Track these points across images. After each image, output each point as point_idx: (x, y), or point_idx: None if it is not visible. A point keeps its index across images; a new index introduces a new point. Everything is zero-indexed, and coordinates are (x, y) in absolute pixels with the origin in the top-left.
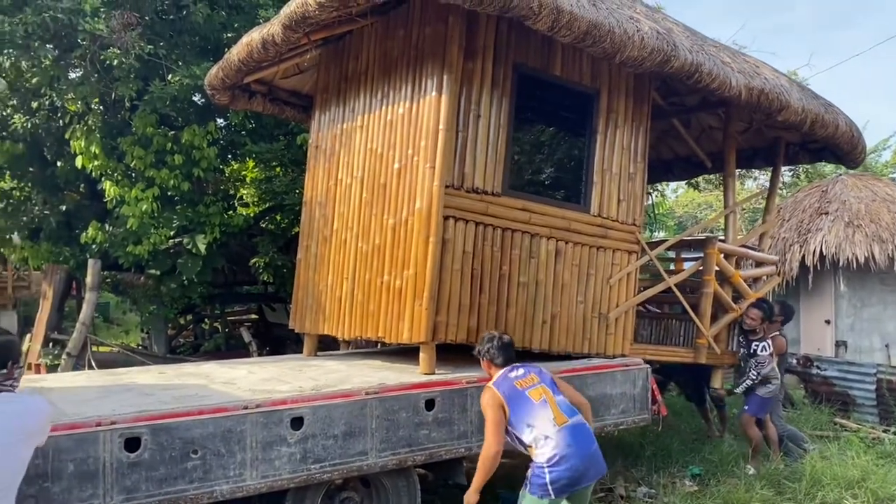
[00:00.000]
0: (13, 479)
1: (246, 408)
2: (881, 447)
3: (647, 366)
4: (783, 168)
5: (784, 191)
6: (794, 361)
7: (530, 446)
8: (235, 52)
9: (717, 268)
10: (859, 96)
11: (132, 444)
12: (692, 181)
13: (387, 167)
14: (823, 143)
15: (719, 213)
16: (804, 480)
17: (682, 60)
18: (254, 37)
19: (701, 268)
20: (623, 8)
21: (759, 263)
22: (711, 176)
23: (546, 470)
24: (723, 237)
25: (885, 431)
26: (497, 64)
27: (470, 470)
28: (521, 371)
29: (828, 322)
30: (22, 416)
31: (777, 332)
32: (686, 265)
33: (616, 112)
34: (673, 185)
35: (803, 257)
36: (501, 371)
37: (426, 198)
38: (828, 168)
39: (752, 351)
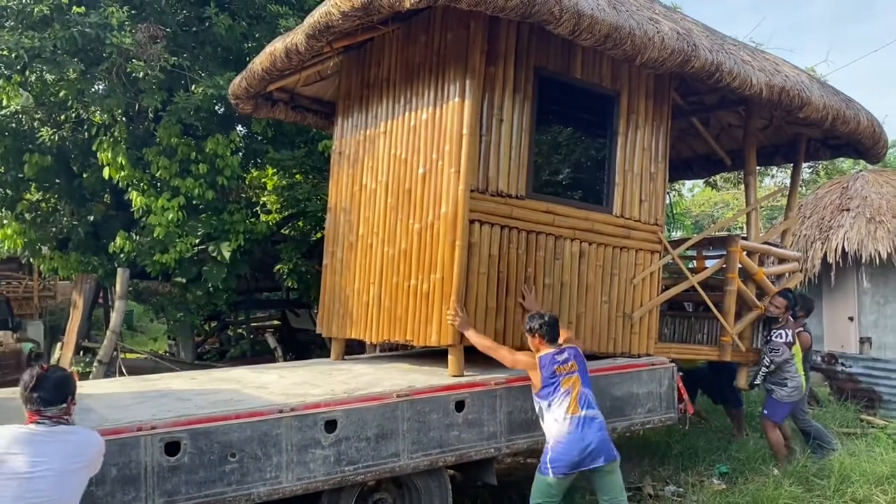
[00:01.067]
0: (72, 502)
1: (281, 411)
2: None
3: (673, 364)
4: (803, 165)
5: (804, 188)
6: (819, 359)
7: (543, 420)
8: (259, 62)
9: (739, 265)
10: (879, 90)
11: (172, 448)
12: (710, 179)
13: (411, 172)
14: (845, 138)
15: (740, 210)
16: (833, 477)
17: (702, 60)
18: (277, 46)
19: (724, 266)
20: (642, 9)
21: (781, 260)
22: (729, 174)
23: (549, 450)
24: (744, 235)
25: None
26: (518, 68)
27: (500, 471)
28: (565, 355)
29: (851, 319)
30: (82, 446)
31: (801, 328)
32: (707, 264)
33: (637, 113)
34: (689, 183)
35: (825, 254)
36: (550, 350)
37: (452, 202)
38: (846, 164)
39: (768, 339)
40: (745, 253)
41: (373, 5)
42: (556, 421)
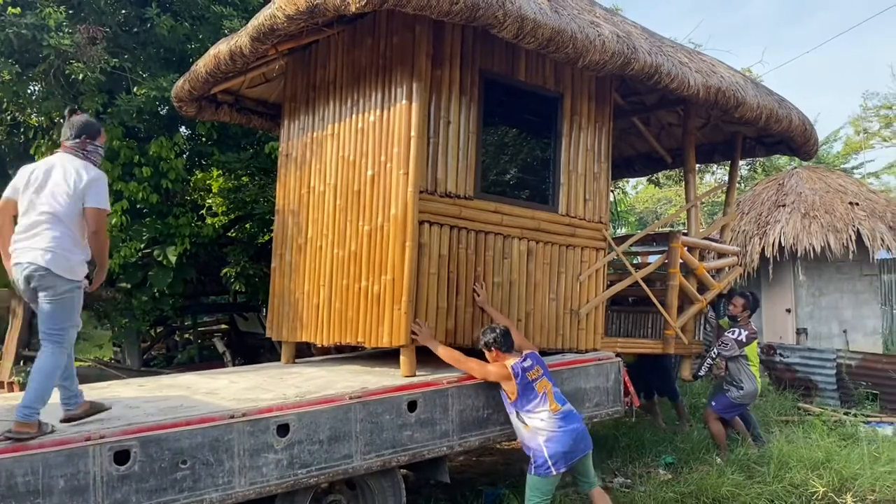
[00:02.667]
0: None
1: (232, 417)
2: (843, 429)
3: (619, 359)
4: (741, 162)
5: (742, 184)
6: (758, 350)
7: (527, 426)
8: (202, 64)
9: (681, 261)
10: (812, 90)
11: (121, 457)
12: (652, 177)
13: (360, 174)
14: (779, 136)
15: (681, 207)
16: (772, 464)
17: (641, 62)
18: (221, 48)
19: (666, 261)
20: (584, 13)
21: (721, 255)
22: (671, 172)
23: (544, 448)
24: (685, 231)
25: (845, 414)
26: (464, 71)
27: (452, 468)
28: (529, 362)
29: (788, 311)
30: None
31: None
32: (651, 259)
33: (580, 114)
34: (633, 181)
35: (763, 249)
36: (514, 359)
37: (401, 204)
38: (783, 160)
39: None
40: (686, 249)
41: (318, 9)
42: (543, 421)
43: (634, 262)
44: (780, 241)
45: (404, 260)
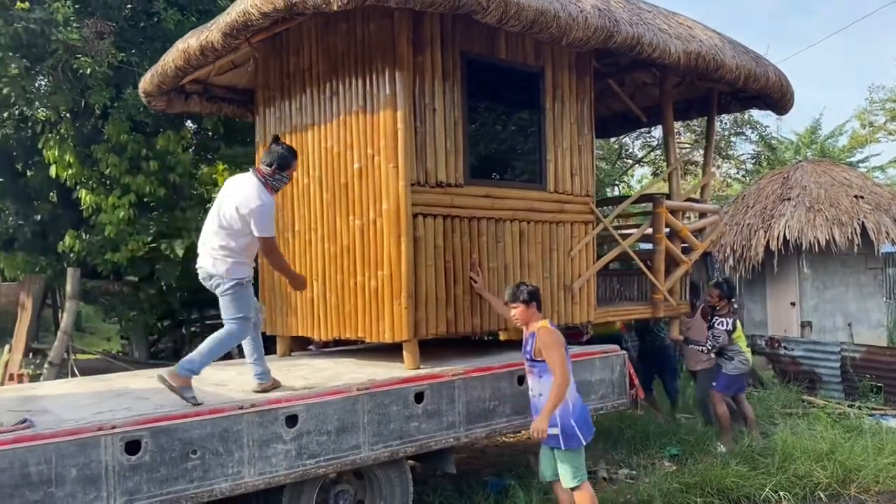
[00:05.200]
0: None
1: (241, 408)
2: (847, 421)
3: (625, 352)
4: (745, 155)
5: (747, 178)
6: (763, 343)
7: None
8: (171, 59)
9: (666, 228)
10: (817, 83)
11: (133, 447)
12: (657, 171)
13: (346, 167)
14: (755, 92)
15: (663, 174)
16: (776, 455)
17: (623, 35)
18: (191, 43)
19: (650, 228)
20: None
21: (702, 215)
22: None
23: (573, 422)
24: (668, 194)
25: (850, 406)
26: (445, 54)
27: (459, 460)
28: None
29: (793, 304)
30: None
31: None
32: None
33: (561, 87)
34: (637, 175)
35: (768, 242)
36: (545, 319)
37: (393, 198)
38: (787, 154)
39: (710, 324)
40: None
41: (296, 7)
42: (572, 390)
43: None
44: (784, 235)
45: (401, 255)
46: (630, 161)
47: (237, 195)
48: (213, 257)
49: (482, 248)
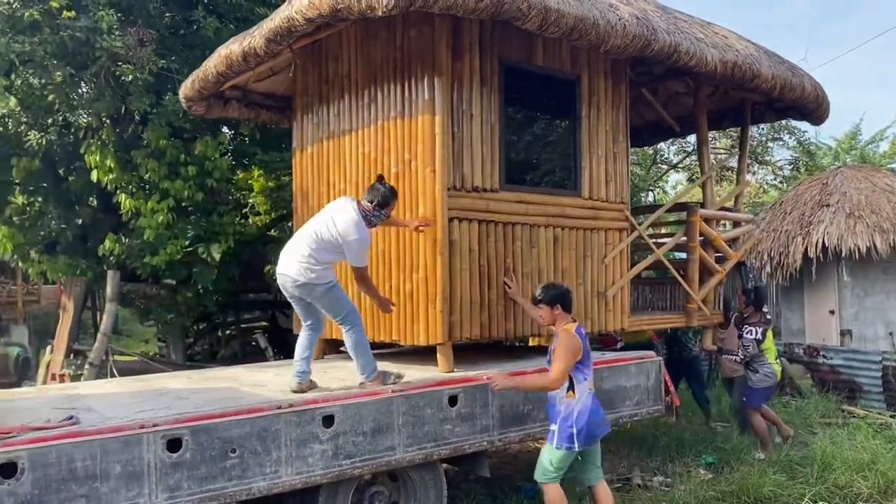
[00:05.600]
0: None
1: (280, 408)
2: (888, 432)
3: (660, 358)
4: (783, 161)
5: (785, 184)
6: (801, 351)
7: (570, 392)
8: (213, 64)
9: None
10: (858, 87)
11: (174, 444)
12: (692, 176)
13: (383, 172)
14: (790, 102)
15: (697, 182)
16: (815, 465)
17: (661, 43)
18: (233, 49)
19: (685, 237)
20: None
21: (736, 224)
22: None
23: (574, 422)
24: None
25: (892, 417)
26: (483, 60)
27: (492, 465)
28: (584, 331)
29: (832, 312)
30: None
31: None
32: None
33: (597, 95)
34: (672, 181)
35: (806, 249)
36: (574, 323)
37: (429, 202)
38: (826, 161)
39: (740, 333)
40: (703, 221)
41: (341, 12)
42: (584, 393)
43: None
44: (823, 242)
45: (436, 259)
46: (665, 166)
47: (339, 222)
48: (301, 265)
49: (516, 253)
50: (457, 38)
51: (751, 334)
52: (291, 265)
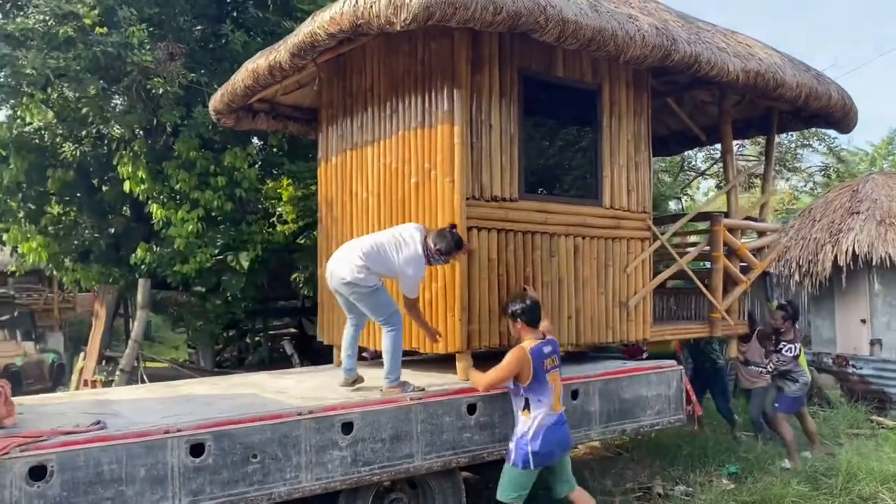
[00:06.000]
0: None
1: (300, 414)
2: None
3: (681, 367)
4: (813, 168)
5: (816, 191)
6: (830, 361)
7: (525, 411)
8: (240, 78)
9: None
10: (891, 92)
11: (197, 449)
12: (721, 185)
13: (404, 182)
14: (816, 111)
15: (721, 191)
16: (840, 476)
17: (681, 53)
18: (259, 63)
19: (708, 247)
20: (621, 6)
21: (761, 234)
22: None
23: (528, 443)
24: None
25: None
26: (503, 72)
27: None
28: (549, 348)
29: (863, 321)
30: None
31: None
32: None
33: (618, 104)
34: (703, 188)
35: (836, 257)
36: (536, 341)
37: (448, 211)
38: (862, 167)
39: (777, 349)
40: (727, 230)
41: (361, 28)
42: (541, 415)
43: (675, 243)
44: (853, 249)
45: (455, 267)
46: (692, 173)
47: (403, 252)
48: (353, 265)
49: (536, 263)
50: (476, 50)
51: (790, 352)
52: (343, 266)
